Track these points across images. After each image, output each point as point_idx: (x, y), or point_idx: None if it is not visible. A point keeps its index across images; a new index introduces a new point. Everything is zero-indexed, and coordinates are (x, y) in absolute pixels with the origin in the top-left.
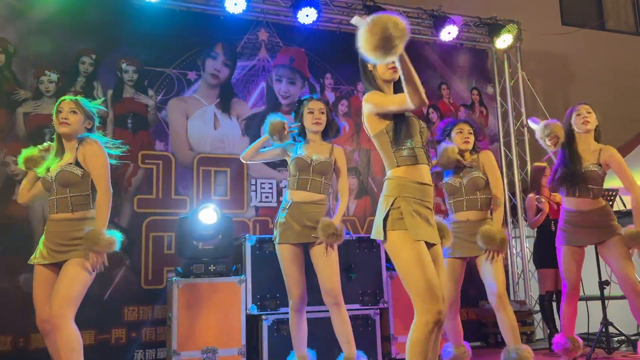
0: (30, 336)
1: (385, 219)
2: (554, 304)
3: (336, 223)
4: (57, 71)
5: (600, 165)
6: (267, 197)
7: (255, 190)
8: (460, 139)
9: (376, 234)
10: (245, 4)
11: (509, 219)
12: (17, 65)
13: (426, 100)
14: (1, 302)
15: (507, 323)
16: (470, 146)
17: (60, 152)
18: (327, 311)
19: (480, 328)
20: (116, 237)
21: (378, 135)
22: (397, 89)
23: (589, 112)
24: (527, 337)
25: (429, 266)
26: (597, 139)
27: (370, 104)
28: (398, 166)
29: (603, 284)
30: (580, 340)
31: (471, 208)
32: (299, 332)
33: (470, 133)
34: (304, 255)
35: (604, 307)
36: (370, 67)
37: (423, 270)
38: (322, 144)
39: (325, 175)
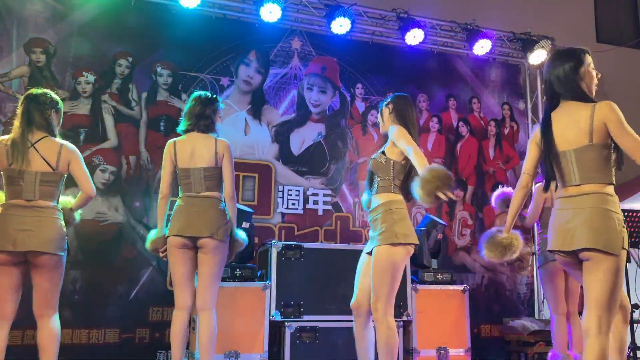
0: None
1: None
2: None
3: None
4: (94, 72)
5: None
6: (293, 203)
7: (282, 197)
8: None
9: (611, 246)
10: (281, 12)
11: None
12: (56, 66)
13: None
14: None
15: None
16: None
17: None
18: (348, 321)
19: (503, 345)
20: None
21: (601, 147)
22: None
23: None
24: None
25: None
26: None
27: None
28: (611, 184)
29: (632, 307)
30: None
31: None
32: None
33: None
34: None
35: (632, 331)
36: (582, 75)
37: None
38: None
39: None
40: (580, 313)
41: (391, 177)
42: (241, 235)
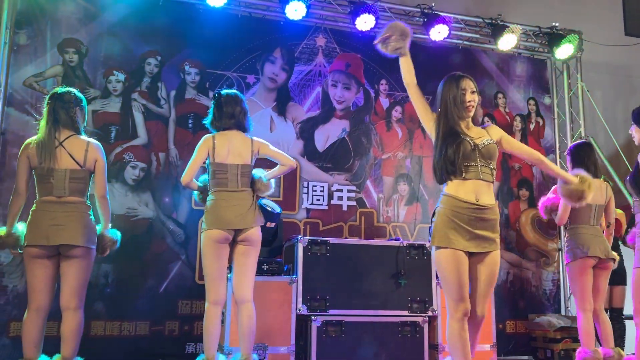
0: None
1: None
2: None
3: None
4: (124, 71)
5: None
6: (318, 199)
7: (307, 193)
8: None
9: None
10: (305, 10)
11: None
12: (88, 65)
13: None
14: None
15: None
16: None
17: None
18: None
19: (529, 342)
20: None
21: None
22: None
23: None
24: None
25: None
26: None
27: None
28: None
29: None
30: None
31: None
32: None
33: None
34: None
35: None
36: None
37: None
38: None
39: None
40: (607, 310)
41: None
42: None
